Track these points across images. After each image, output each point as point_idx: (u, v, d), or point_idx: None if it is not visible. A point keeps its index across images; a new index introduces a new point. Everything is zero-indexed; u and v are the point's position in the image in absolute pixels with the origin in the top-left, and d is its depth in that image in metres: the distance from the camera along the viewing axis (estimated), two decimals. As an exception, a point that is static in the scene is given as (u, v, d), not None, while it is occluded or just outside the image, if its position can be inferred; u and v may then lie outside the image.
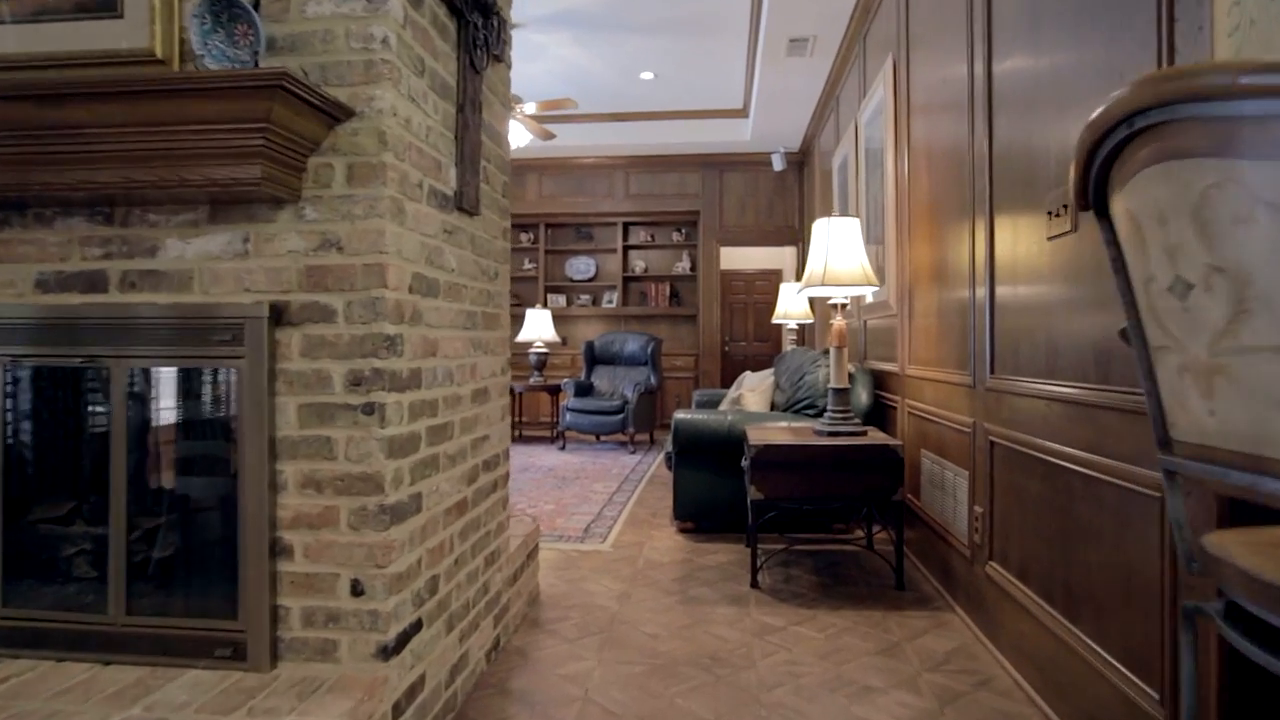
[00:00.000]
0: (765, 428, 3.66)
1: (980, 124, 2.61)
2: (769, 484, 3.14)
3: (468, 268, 2.19)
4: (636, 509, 4.68)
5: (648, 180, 8.72)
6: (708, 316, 8.62)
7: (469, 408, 2.19)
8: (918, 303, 3.49)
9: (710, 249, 8.61)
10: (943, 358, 3.07)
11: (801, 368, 4.14)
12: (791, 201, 8.50)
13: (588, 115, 8.07)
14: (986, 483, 2.53)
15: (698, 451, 3.98)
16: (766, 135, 7.80)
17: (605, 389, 7.75)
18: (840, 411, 3.36)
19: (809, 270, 3.37)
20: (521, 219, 9.16)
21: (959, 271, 2.87)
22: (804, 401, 3.98)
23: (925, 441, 3.33)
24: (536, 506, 4.69)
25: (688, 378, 8.68)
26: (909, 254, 3.67)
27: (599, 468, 6.19)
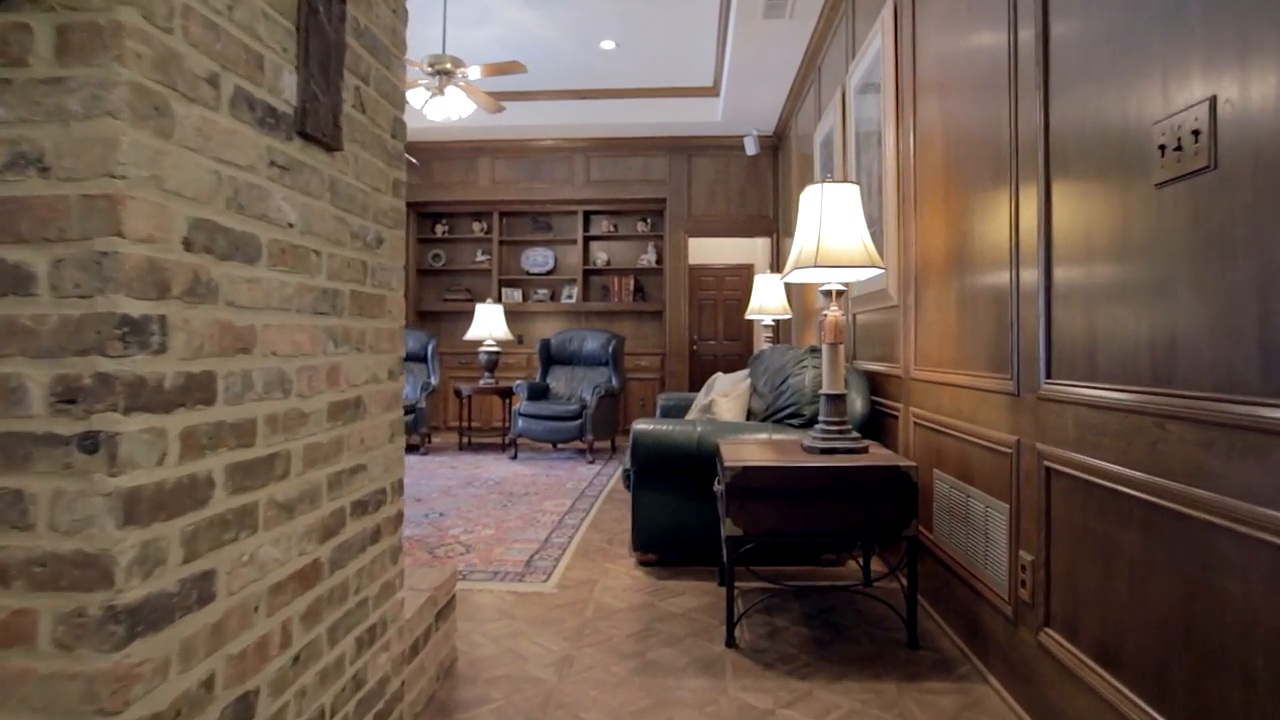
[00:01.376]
0: (742, 442, 3.02)
1: (1029, 42, 1.98)
2: (749, 516, 2.49)
3: (322, 224, 1.51)
4: (591, 534, 4.01)
5: (610, 165, 8.06)
6: (675, 313, 7.98)
7: (324, 429, 1.51)
8: (928, 291, 2.87)
9: (678, 240, 7.97)
10: (967, 357, 2.45)
11: (783, 369, 3.51)
12: (765, 189, 7.90)
13: (544, 92, 7.39)
14: (1039, 522, 1.90)
15: (661, 469, 3.33)
16: (739, 116, 7.18)
17: (562, 392, 7.07)
18: (835, 423, 2.73)
19: (797, 249, 2.73)
20: (473, 206, 8.44)
21: (992, 252, 2.25)
22: (787, 409, 3.35)
23: (939, 460, 2.71)
24: (473, 533, 4.00)
25: (653, 379, 8.03)
26: (915, 234, 3.05)
27: (552, 481, 5.51)
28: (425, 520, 4.25)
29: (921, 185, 2.97)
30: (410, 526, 4.09)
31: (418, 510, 4.49)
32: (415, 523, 4.18)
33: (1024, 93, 2.02)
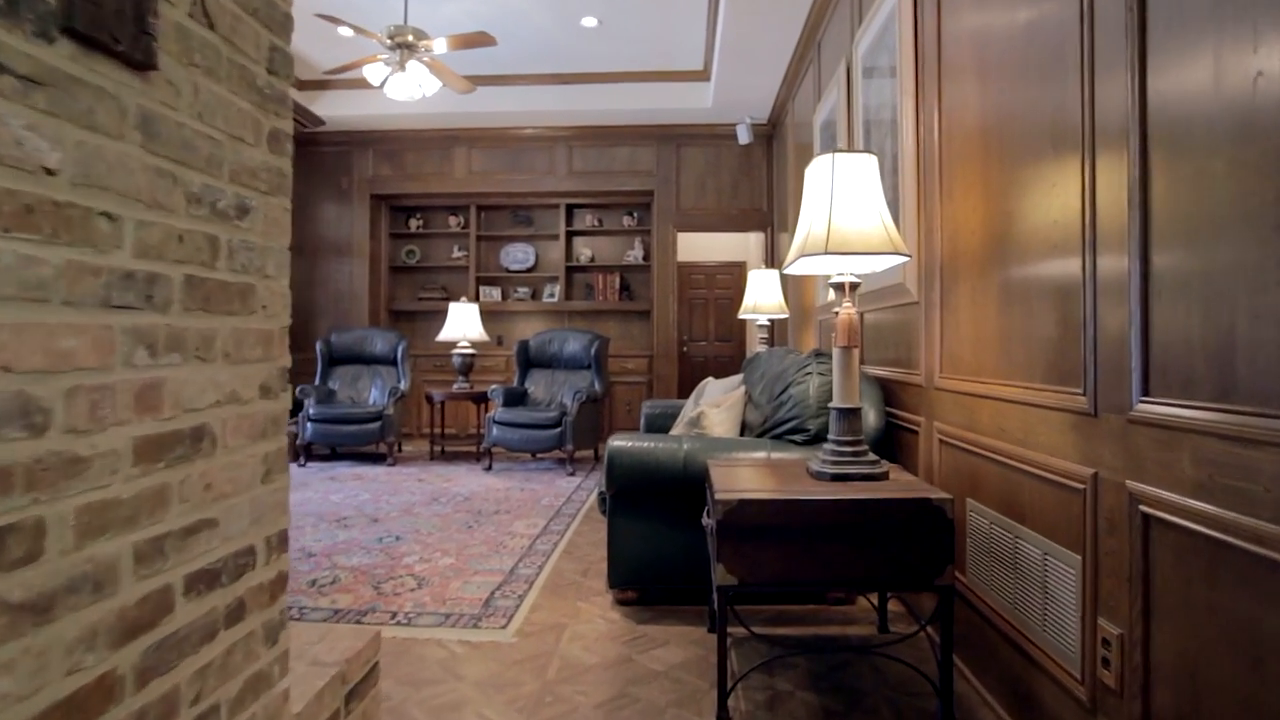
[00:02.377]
0: (736, 463, 2.55)
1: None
2: (745, 562, 2.01)
3: (124, 178, 1.03)
4: (564, 563, 3.53)
5: (594, 155, 7.57)
6: (663, 312, 7.51)
7: (128, 476, 1.03)
8: (959, 285, 2.40)
9: (666, 235, 7.50)
10: (1014, 365, 1.98)
11: (783, 376, 3.04)
12: (759, 181, 7.43)
13: (522, 76, 6.90)
14: (1133, 586, 1.44)
15: (642, 493, 2.85)
16: (730, 102, 6.71)
17: (541, 397, 6.58)
18: (848, 443, 2.25)
19: (802, 234, 2.26)
20: (449, 199, 7.94)
21: (1053, 235, 1.78)
22: (788, 423, 2.87)
23: (975, 487, 2.24)
24: (430, 561, 3.51)
25: (640, 383, 7.55)
26: (941, 219, 2.59)
27: (527, 496, 5.02)
28: (378, 546, 3.75)
29: (951, 159, 2.50)
30: (359, 554, 3.60)
31: (371, 533, 4.00)
32: (365, 549, 3.69)
33: (1107, 24, 1.56)
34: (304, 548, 3.71)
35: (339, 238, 7.72)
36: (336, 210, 7.72)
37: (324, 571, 3.33)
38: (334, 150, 7.70)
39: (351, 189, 7.70)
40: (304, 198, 7.74)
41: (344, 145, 7.68)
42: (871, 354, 3.52)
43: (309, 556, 3.56)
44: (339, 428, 6.07)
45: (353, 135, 7.63)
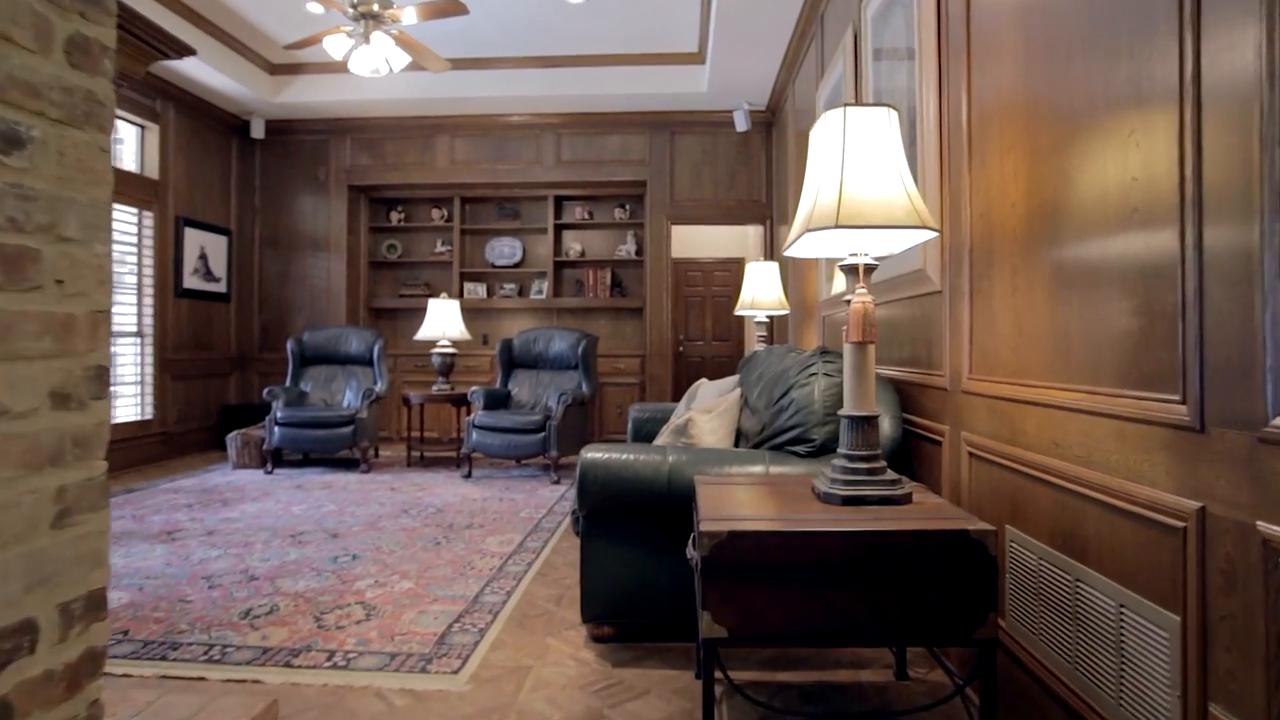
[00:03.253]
0: (729, 481, 2.15)
1: None
2: (738, 609, 1.62)
3: None
4: (537, 587, 3.13)
5: (583, 144, 7.18)
6: (656, 310, 7.11)
7: None
8: (996, 269, 2.00)
9: (659, 227, 7.10)
10: (1073, 365, 1.58)
11: (784, 378, 2.64)
12: (757, 171, 7.04)
13: (507, 59, 6.51)
14: (1275, 669, 1.04)
15: (621, 513, 2.45)
16: (727, 86, 6.32)
17: (525, 399, 6.18)
18: (863, 459, 1.86)
19: (807, 206, 1.86)
20: (432, 190, 7.55)
21: (1131, 200, 1.38)
22: (790, 432, 2.48)
23: (1017, 513, 1.85)
24: (386, 586, 3.12)
25: (632, 384, 7.15)
26: (972, 190, 2.19)
27: (505, 507, 4.63)
28: (330, 567, 3.36)
29: (984, 118, 2.10)
30: (307, 577, 3.20)
31: (326, 551, 3.60)
32: (316, 571, 3.29)
33: (1214, -95, 1.16)
34: (247, 569, 3.31)
35: (316, 231, 7.32)
36: (313, 202, 7.33)
37: (262, 599, 2.93)
38: (310, 139, 7.30)
39: (328, 180, 7.30)
40: (278, 188, 7.34)
41: (320, 133, 7.28)
42: (884, 352, 3.12)
43: (250, 580, 3.16)
44: (308, 432, 5.67)
45: (330, 123, 7.24)
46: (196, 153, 6.68)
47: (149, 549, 3.64)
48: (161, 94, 6.18)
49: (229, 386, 7.18)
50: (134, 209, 6.00)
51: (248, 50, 6.30)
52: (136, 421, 6.02)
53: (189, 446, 6.59)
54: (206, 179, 6.82)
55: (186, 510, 4.47)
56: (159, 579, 3.18)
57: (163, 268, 6.24)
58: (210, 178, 6.88)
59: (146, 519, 4.26)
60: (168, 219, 6.30)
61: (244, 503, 4.69)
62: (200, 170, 6.74)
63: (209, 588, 3.07)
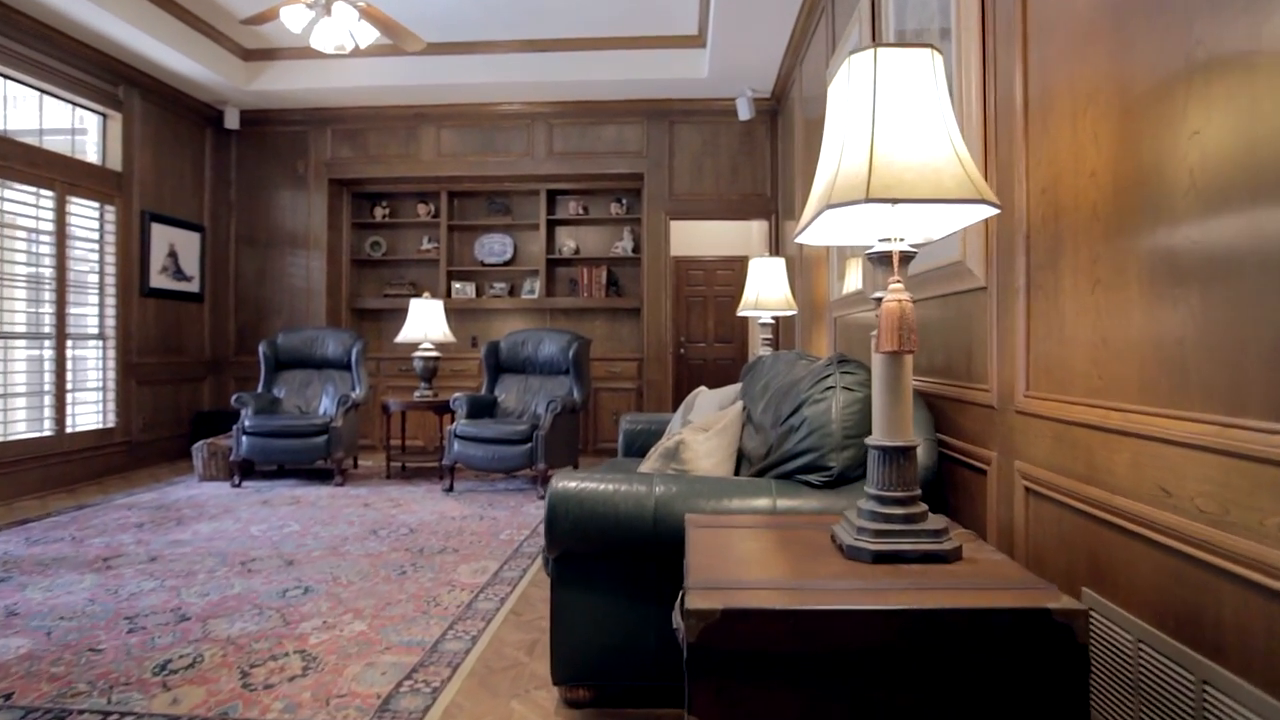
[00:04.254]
0: (727, 522, 1.74)
1: None
2: (734, 716, 1.20)
3: None
4: (508, 630, 2.72)
5: (577, 134, 6.76)
6: (655, 310, 6.69)
7: None
8: (1066, 258, 1.58)
9: (657, 223, 6.68)
10: (1205, 388, 1.16)
11: (795, 390, 2.21)
12: (761, 162, 6.61)
13: (494, 42, 6.10)
14: None
15: (597, 556, 2.04)
16: (729, 71, 5.90)
17: (513, 406, 5.77)
18: (898, 502, 1.45)
19: (828, 174, 1.44)
20: (417, 184, 7.15)
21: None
22: (802, 458, 2.05)
23: (1099, 573, 1.43)
24: (334, 629, 2.70)
25: (628, 390, 6.73)
26: (1029, 160, 1.77)
27: (484, 528, 4.21)
28: (276, 604, 2.94)
29: (1047, 64, 1.67)
30: (247, 617, 2.79)
31: (276, 583, 3.19)
32: (258, 609, 2.88)
33: None
34: (178, 607, 2.90)
35: (295, 227, 6.92)
36: (291, 197, 6.93)
37: (186, 647, 2.52)
38: (287, 130, 6.90)
39: (308, 173, 6.90)
40: (255, 182, 6.95)
41: (299, 124, 6.88)
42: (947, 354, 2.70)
43: (179, 622, 2.75)
44: (277, 442, 5.26)
45: (308, 113, 6.84)
46: (166, 144, 6.28)
47: (76, 580, 3.23)
48: (125, 80, 5.78)
49: (202, 392, 6.78)
50: (95, 203, 5.60)
51: (217, 34, 5.90)
52: (97, 430, 5.62)
53: (157, 456, 6.19)
54: (177, 172, 6.43)
55: (135, 531, 4.07)
56: (74, 620, 2.77)
57: (126, 266, 5.84)
58: (181, 171, 6.48)
59: (86, 542, 3.85)
60: (132, 214, 5.90)
61: (200, 521, 4.28)
62: (170, 163, 6.34)
63: (128, 632, 2.66)
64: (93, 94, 5.54)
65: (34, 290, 5.15)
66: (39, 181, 5.09)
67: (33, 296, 5.15)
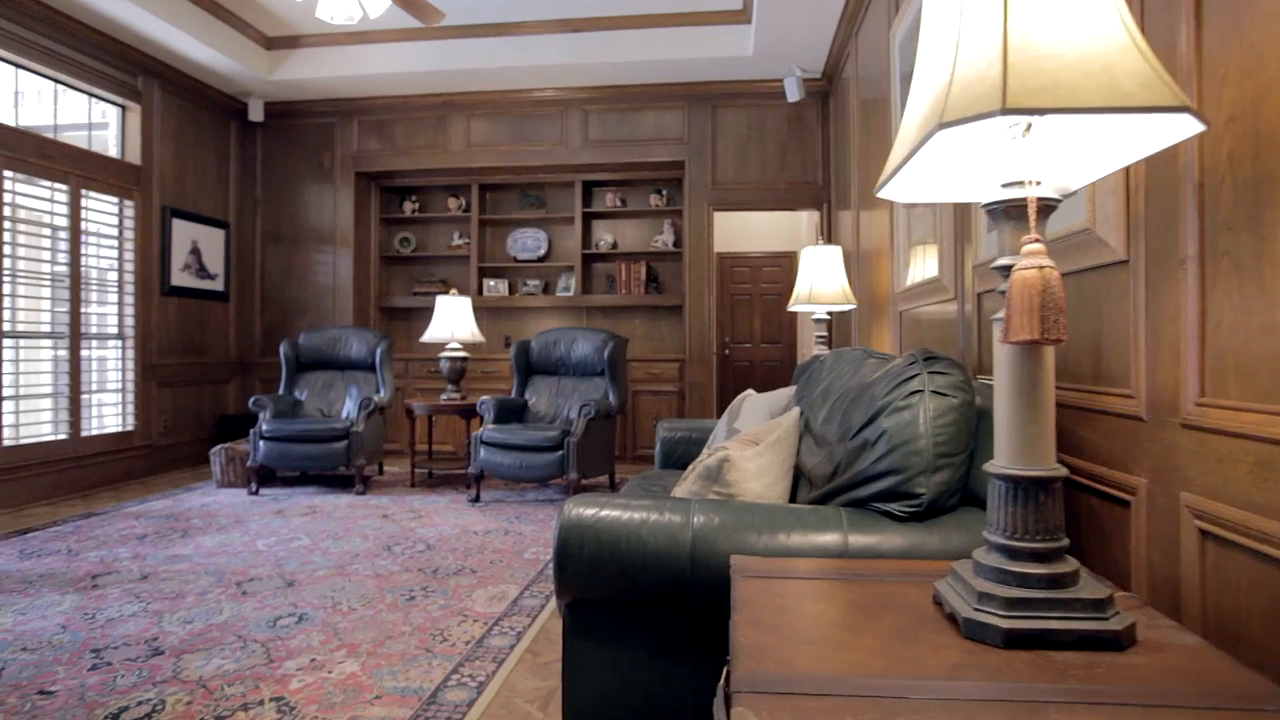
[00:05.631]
0: (784, 570, 1.30)
1: None
2: None
3: None
4: (521, 675, 2.32)
5: (614, 121, 6.37)
6: (697, 307, 6.26)
7: None
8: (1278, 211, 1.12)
9: (700, 215, 6.25)
10: None
11: (868, 395, 1.77)
12: (811, 148, 6.14)
13: (525, 24, 5.74)
14: None
15: (620, 601, 1.62)
16: (776, 48, 5.45)
17: (544, 410, 5.39)
18: (1037, 555, 1.02)
19: (938, 80, 1.00)
20: (447, 177, 6.83)
21: None
22: (880, 482, 1.61)
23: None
24: (322, 669, 2.34)
25: (670, 393, 6.31)
26: (1200, 77, 1.30)
27: (508, 544, 3.83)
28: (263, 635, 2.59)
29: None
30: (228, 651, 2.44)
31: (270, 609, 2.85)
32: (242, 641, 2.53)
33: None
34: (155, 638, 2.57)
35: (321, 223, 6.66)
36: (318, 192, 6.67)
37: (149, 691, 2.18)
38: (313, 122, 6.64)
39: (334, 167, 6.64)
40: (281, 177, 6.71)
41: (324, 116, 6.62)
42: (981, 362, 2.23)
43: (150, 657, 2.41)
44: (296, 447, 4.96)
45: (334, 104, 6.57)
46: (189, 137, 6.06)
47: (56, 601, 2.93)
48: (144, 70, 5.56)
49: (227, 395, 6.55)
50: (113, 198, 5.39)
51: (239, 21, 5.65)
52: (116, 433, 5.40)
53: (178, 461, 5.96)
54: (200, 166, 6.20)
55: (136, 544, 3.78)
56: (36, 652, 2.45)
57: (146, 263, 5.61)
58: (205, 165, 6.26)
59: (81, 555, 3.57)
60: (152, 209, 5.68)
61: (207, 534, 3.99)
62: (193, 156, 6.12)
63: (90, 668, 2.33)
64: (110, 84, 5.32)
65: (48, 288, 4.94)
66: (52, 175, 4.87)
67: (46, 295, 4.94)
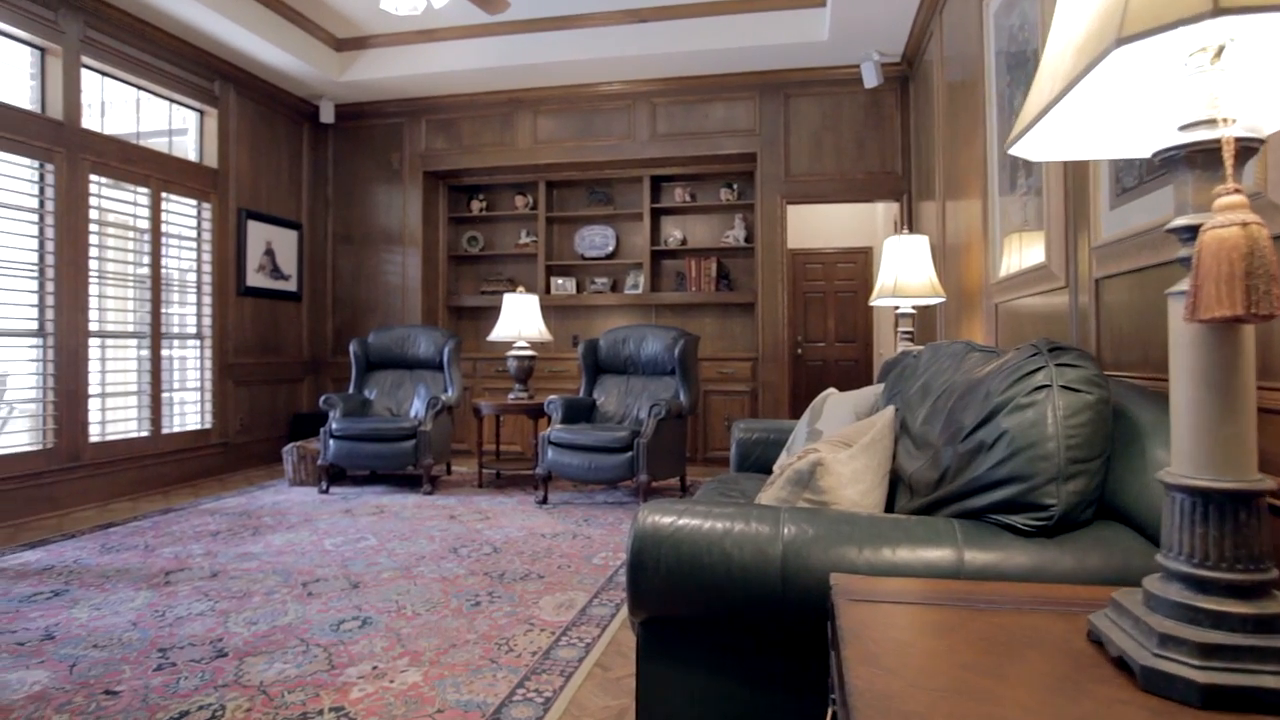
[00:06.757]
0: (893, 593, 1.11)
1: None
2: None
3: None
4: (589, 692, 2.17)
5: (682, 113, 6.20)
6: (770, 305, 6.04)
7: None
8: None
9: (773, 209, 6.04)
10: None
11: (979, 393, 1.56)
12: (890, 136, 5.85)
13: (590, 15, 5.63)
14: None
15: (697, 620, 1.46)
16: (853, 32, 5.20)
17: (612, 410, 5.26)
18: (1239, 590, 0.81)
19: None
20: (513, 174, 6.79)
21: None
22: (1001, 490, 1.40)
23: None
24: (383, 678, 2.24)
25: (742, 393, 6.10)
26: None
27: (576, 548, 3.71)
28: (325, 640, 2.52)
29: None
30: (290, 656, 2.37)
31: (334, 612, 2.78)
32: (305, 646, 2.46)
33: None
34: (220, 639, 2.52)
35: (390, 224, 6.70)
36: (386, 192, 6.70)
37: (210, 694, 2.11)
38: (381, 123, 6.68)
39: (403, 166, 6.66)
40: (350, 178, 6.77)
41: (393, 116, 6.65)
42: (1118, 354, 1.98)
43: (214, 658, 2.36)
44: (365, 446, 4.96)
45: (402, 104, 6.59)
46: (263, 140, 6.16)
47: (130, 598, 2.93)
48: (220, 75, 5.67)
49: (300, 393, 6.64)
50: (192, 200, 5.50)
51: (309, 24, 5.71)
52: (195, 431, 5.51)
53: (253, 459, 6.06)
54: (274, 168, 6.30)
55: (209, 540, 3.80)
56: (106, 649, 2.43)
57: (222, 264, 5.72)
58: (278, 168, 6.36)
59: (157, 552, 3.60)
60: (228, 211, 5.78)
61: (276, 532, 3.98)
62: (267, 160, 6.22)
63: (155, 668, 2.28)
64: (189, 90, 5.44)
65: (132, 289, 5.06)
66: (134, 178, 4.99)
67: (130, 295, 5.07)
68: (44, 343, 4.41)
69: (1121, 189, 1.96)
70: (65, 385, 4.49)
